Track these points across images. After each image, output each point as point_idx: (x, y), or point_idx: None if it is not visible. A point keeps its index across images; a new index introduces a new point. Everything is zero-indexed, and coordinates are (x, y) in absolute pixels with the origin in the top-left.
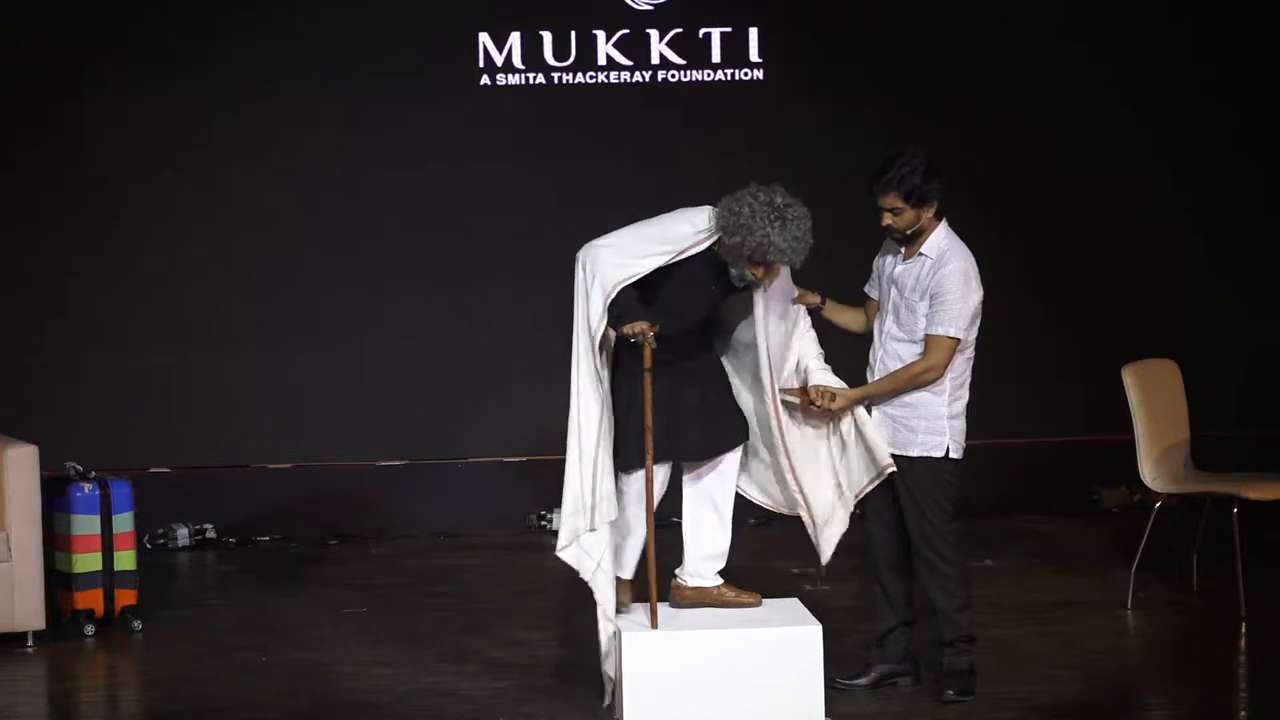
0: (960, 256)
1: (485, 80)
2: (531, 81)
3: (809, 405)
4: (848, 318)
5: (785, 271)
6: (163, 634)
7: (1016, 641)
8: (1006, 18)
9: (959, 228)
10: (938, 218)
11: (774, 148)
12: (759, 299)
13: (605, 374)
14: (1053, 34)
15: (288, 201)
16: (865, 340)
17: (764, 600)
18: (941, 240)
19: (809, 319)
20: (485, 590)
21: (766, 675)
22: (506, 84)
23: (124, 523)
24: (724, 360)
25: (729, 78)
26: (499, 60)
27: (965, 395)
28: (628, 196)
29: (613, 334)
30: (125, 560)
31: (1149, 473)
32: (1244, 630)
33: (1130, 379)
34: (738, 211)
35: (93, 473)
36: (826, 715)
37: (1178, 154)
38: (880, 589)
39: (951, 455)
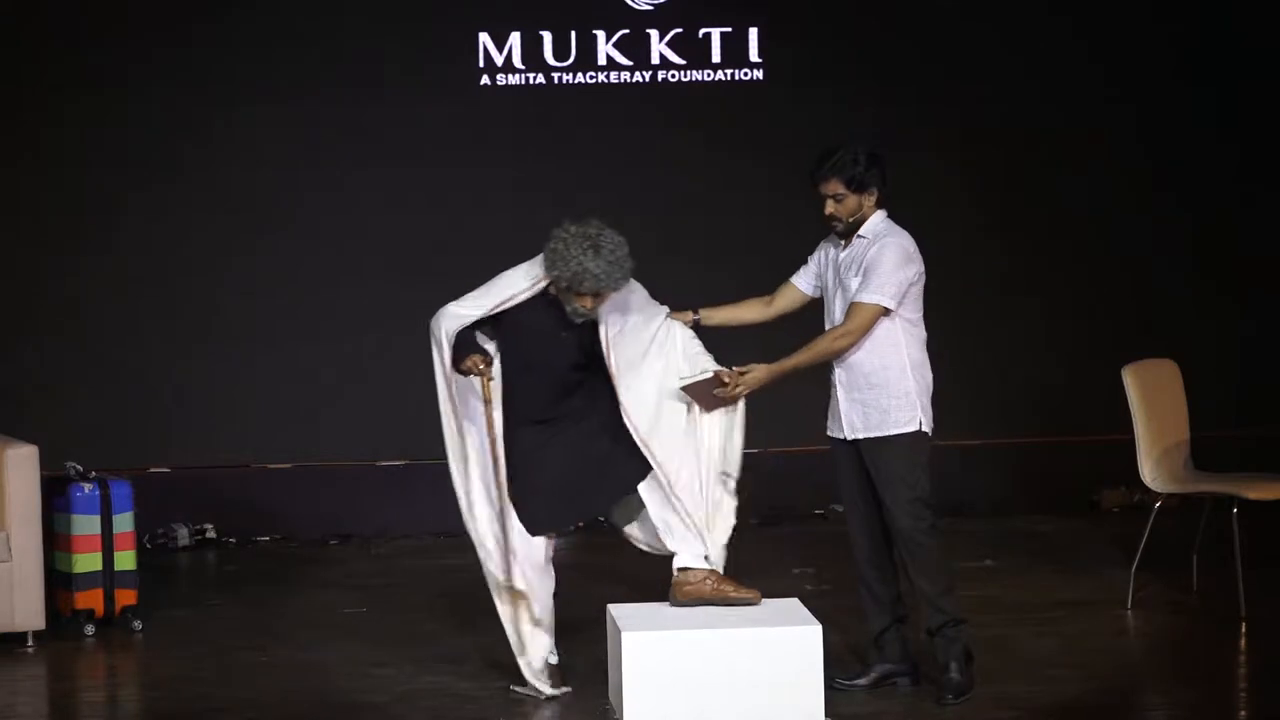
0: (899, 235)
1: (485, 80)
2: (532, 82)
3: (720, 385)
4: (733, 313)
5: (632, 295)
6: (163, 634)
7: (1016, 641)
8: (1004, 17)
9: (959, 225)
10: (878, 206)
11: (774, 148)
12: (603, 329)
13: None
14: (1051, 33)
15: (287, 202)
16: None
17: (765, 600)
18: (879, 224)
19: (683, 327)
20: (485, 590)
21: (766, 675)
22: (507, 84)
23: (124, 523)
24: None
25: (729, 78)
26: (499, 60)
27: (929, 375)
28: (627, 196)
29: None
30: (125, 560)
31: (1149, 473)
32: (1244, 630)
33: (1130, 379)
34: (554, 248)
35: (93, 473)
36: (827, 715)
37: (1177, 154)
38: (866, 590)
39: (924, 428)
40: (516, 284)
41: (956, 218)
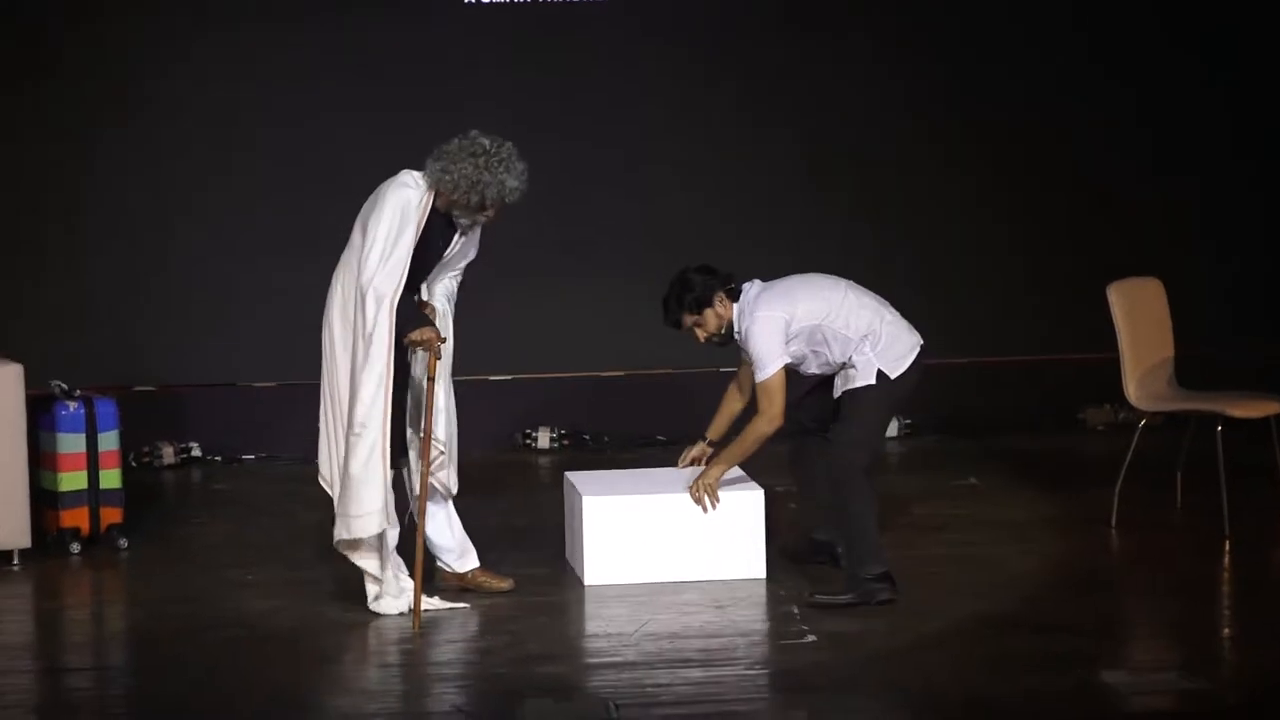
0: (758, 311)
1: None
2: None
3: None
4: (728, 416)
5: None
6: (148, 552)
7: (1001, 559)
8: None
9: (942, 146)
10: (732, 299)
11: (758, 67)
12: (457, 239)
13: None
14: None
15: (269, 122)
16: None
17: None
18: (741, 315)
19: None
20: (472, 511)
21: (714, 535)
22: (492, 1)
23: (109, 441)
24: None
25: None
26: None
27: (886, 329)
28: (613, 114)
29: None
30: (110, 479)
31: (1133, 391)
32: (1227, 547)
33: (1115, 297)
34: (463, 171)
35: (78, 391)
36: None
37: (1162, 72)
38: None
39: (889, 375)
40: (417, 203)
41: (940, 139)
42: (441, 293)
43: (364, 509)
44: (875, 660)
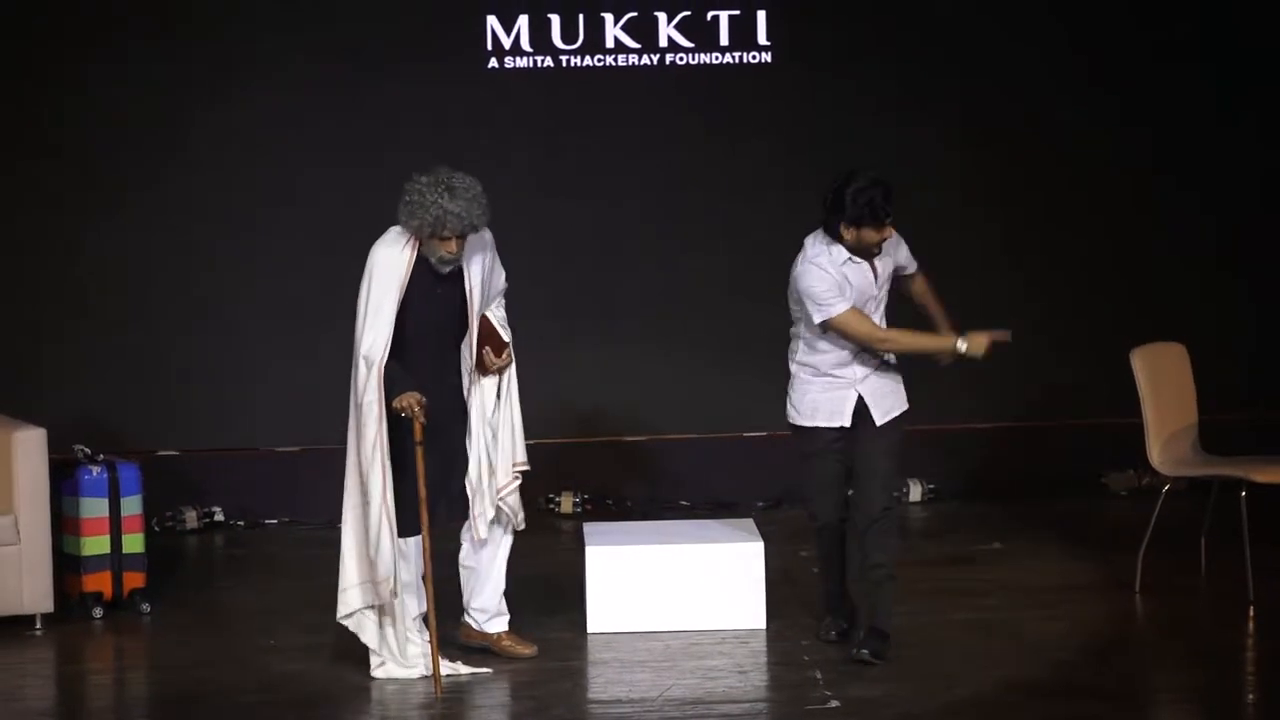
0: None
1: (493, 63)
2: (540, 65)
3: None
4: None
5: (488, 249)
6: (171, 617)
7: (1024, 624)
8: (1012, 2)
9: (965, 206)
10: None
11: (782, 130)
12: (467, 280)
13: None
14: (1057, 20)
15: (292, 186)
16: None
17: (722, 521)
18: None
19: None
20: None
21: (715, 584)
22: (515, 67)
23: (132, 505)
24: None
25: (737, 60)
26: (507, 43)
27: None
28: (635, 179)
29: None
30: (133, 543)
31: (1157, 456)
32: (1252, 613)
33: (1138, 362)
34: (410, 200)
35: (101, 456)
36: (824, 692)
37: (1180, 136)
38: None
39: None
40: (398, 262)
41: (962, 199)
42: (497, 321)
43: (379, 576)
44: None
